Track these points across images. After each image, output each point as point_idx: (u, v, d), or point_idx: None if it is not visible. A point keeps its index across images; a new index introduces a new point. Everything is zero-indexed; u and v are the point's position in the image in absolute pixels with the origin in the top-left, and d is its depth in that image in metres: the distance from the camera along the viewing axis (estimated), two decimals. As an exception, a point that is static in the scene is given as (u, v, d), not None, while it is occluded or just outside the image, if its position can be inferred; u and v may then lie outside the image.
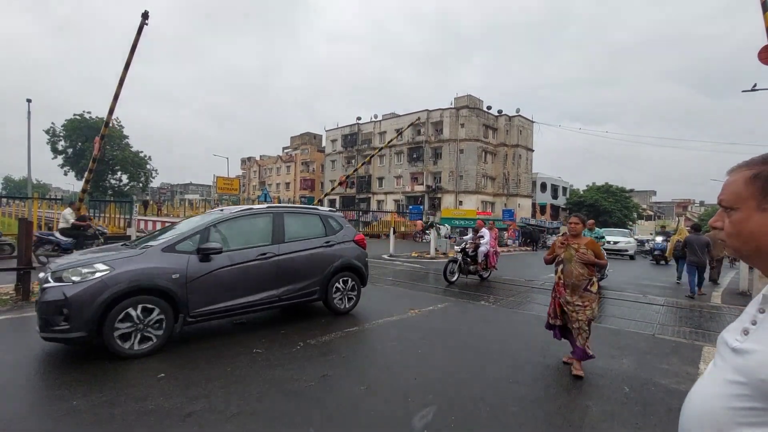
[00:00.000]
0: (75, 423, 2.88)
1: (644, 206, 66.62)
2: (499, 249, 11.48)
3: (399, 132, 35.49)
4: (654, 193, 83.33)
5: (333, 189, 32.73)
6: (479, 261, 10.39)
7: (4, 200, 25.32)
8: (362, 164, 36.86)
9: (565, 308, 4.17)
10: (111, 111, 17.04)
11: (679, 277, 11.50)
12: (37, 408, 3.14)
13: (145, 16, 15.05)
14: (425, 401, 3.41)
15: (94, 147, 16.14)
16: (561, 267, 4.25)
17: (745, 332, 0.83)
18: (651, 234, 18.63)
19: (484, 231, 10.71)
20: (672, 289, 10.78)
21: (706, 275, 10.48)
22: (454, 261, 10.15)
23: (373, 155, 35.67)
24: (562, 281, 4.20)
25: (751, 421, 0.74)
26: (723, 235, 0.91)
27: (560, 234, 3.93)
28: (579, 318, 4.07)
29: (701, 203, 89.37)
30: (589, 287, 4.10)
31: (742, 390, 0.76)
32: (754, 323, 0.83)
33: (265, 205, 5.87)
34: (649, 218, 69.85)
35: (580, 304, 4.09)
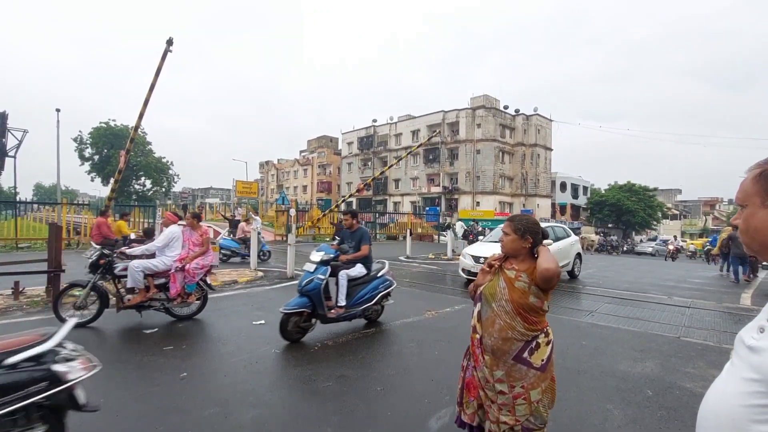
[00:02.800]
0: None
1: (669, 205, 64.54)
2: (207, 263, 5.84)
3: (419, 145, 36.19)
4: (679, 191, 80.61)
5: (351, 195, 33.18)
6: (136, 288, 5.36)
7: (36, 206, 26.42)
8: (381, 173, 37.12)
9: (482, 391, 2.16)
10: (136, 128, 17.89)
11: (723, 269, 13.84)
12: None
13: (169, 42, 15.41)
14: (442, 402, 3.40)
15: (120, 160, 16.86)
16: (478, 309, 2.22)
17: (761, 330, 0.82)
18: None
19: (171, 230, 5.72)
20: (701, 291, 10.43)
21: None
22: (78, 285, 5.34)
23: (392, 165, 36.05)
24: (478, 337, 2.19)
25: (767, 418, 0.74)
26: (738, 231, 0.91)
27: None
28: (501, 419, 2.05)
29: (730, 201, 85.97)
30: (526, 356, 2.07)
31: (758, 387, 0.76)
32: None
33: None
34: (674, 218, 67.68)
35: (506, 391, 2.06)
